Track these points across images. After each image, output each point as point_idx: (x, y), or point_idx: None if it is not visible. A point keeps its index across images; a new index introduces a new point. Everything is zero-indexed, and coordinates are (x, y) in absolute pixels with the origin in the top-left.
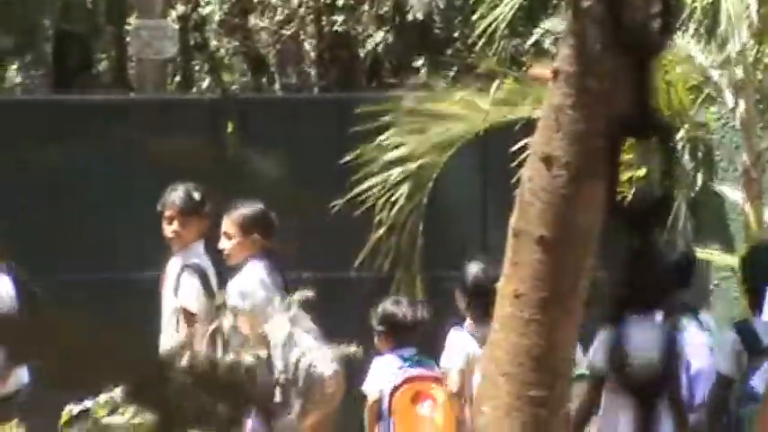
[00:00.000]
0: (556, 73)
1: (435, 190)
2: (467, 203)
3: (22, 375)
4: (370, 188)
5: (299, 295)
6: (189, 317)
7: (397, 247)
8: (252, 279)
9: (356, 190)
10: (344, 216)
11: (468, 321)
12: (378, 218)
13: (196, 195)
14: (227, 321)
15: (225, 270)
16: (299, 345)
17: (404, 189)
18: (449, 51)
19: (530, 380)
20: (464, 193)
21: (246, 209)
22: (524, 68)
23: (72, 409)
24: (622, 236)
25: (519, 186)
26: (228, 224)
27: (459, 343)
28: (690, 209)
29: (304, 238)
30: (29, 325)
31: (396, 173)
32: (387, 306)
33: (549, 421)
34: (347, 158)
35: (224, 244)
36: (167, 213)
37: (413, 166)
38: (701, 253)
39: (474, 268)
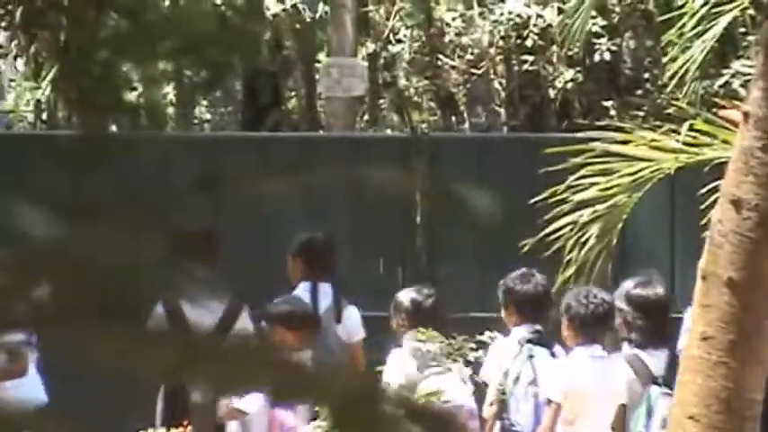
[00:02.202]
0: (746, 115)
1: (624, 231)
2: (655, 245)
3: None
4: (561, 228)
5: (487, 336)
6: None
7: None
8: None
9: (547, 230)
10: (533, 256)
11: (410, 343)
12: (567, 258)
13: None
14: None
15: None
16: None
17: (594, 229)
18: (638, 92)
19: (716, 423)
20: (653, 234)
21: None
22: (714, 110)
23: None
24: None
25: (708, 228)
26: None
27: (398, 362)
28: None
29: (492, 277)
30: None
31: (586, 213)
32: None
33: None
34: (538, 198)
35: None
36: None
37: (603, 206)
38: None
39: (409, 293)
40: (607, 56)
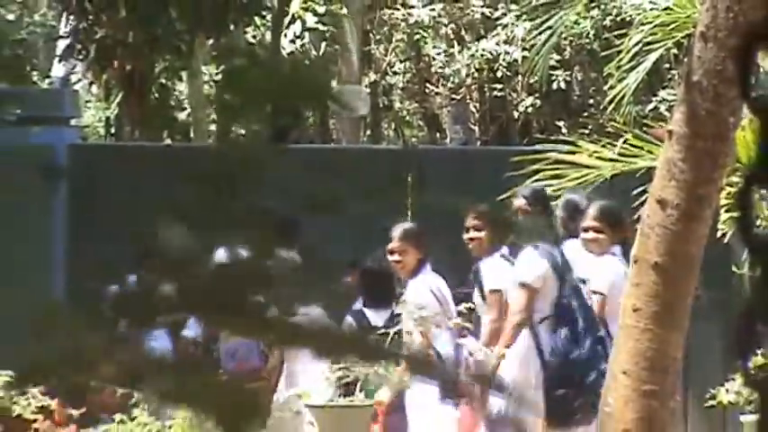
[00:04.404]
0: (670, 133)
1: None
2: None
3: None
4: None
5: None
6: None
7: None
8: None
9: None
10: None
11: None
12: None
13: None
14: None
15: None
16: None
17: None
18: (585, 114)
19: (644, 377)
20: None
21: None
22: (645, 129)
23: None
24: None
25: (639, 222)
26: None
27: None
28: None
29: (463, 260)
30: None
31: None
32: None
33: (659, 410)
34: (503, 196)
35: None
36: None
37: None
38: None
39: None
40: (562, 85)
